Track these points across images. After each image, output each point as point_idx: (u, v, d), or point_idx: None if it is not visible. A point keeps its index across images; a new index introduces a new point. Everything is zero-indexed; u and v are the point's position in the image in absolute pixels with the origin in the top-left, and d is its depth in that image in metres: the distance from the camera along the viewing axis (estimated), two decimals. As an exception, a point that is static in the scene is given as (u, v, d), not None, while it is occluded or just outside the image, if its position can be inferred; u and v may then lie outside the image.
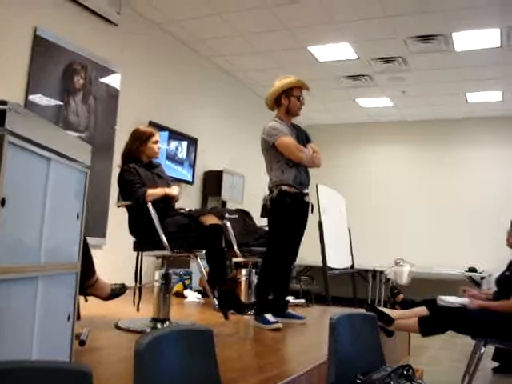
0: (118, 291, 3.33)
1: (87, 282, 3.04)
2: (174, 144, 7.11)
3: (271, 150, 4.14)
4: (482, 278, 8.69)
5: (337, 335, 2.10)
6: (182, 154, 7.30)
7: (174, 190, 3.79)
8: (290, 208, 4.07)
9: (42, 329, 1.77)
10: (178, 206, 3.99)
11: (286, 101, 4.27)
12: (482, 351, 3.63)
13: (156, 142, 3.88)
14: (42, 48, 5.13)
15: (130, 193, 3.62)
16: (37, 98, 5.09)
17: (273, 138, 4.10)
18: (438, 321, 3.68)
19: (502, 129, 9.79)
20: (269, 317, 3.97)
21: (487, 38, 6.49)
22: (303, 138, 4.36)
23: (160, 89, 6.93)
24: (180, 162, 7.27)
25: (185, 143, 7.35)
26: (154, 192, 3.64)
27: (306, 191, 4.26)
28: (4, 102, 1.53)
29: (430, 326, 3.69)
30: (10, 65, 4.78)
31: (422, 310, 3.83)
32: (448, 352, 5.31)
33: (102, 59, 5.90)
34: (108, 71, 6.00)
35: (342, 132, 11.11)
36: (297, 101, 4.28)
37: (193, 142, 7.50)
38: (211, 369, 1.62)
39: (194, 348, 1.58)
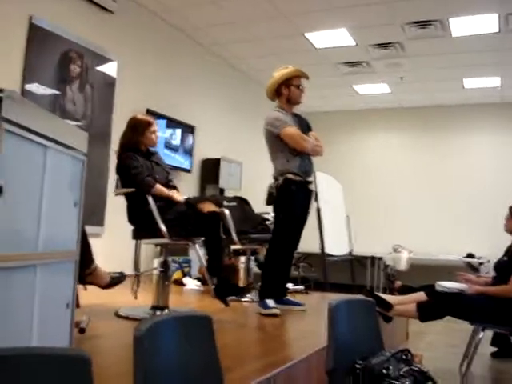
0: (117, 280, 3.34)
1: (86, 270, 3.04)
2: (171, 132, 7.09)
3: (276, 141, 4.18)
4: (481, 264, 8.71)
5: (335, 321, 2.11)
6: (179, 141, 7.28)
7: (179, 196, 3.77)
8: (295, 195, 4.14)
9: (41, 316, 1.77)
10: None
11: (286, 90, 4.32)
12: (481, 336, 3.66)
13: (154, 132, 3.87)
14: (37, 36, 5.09)
15: (137, 180, 3.60)
16: (33, 87, 5.07)
17: (277, 129, 4.15)
18: (436, 306, 3.70)
19: (500, 115, 9.78)
20: (269, 302, 4.02)
21: (485, 23, 6.45)
22: (304, 126, 4.39)
23: (157, 77, 6.90)
24: (177, 150, 7.25)
25: (182, 131, 7.33)
26: (161, 190, 3.64)
27: (310, 179, 4.32)
28: (0, 90, 1.52)
29: (429, 311, 3.70)
30: (6, 54, 4.75)
31: (421, 296, 3.84)
32: (446, 337, 5.34)
33: (99, 47, 5.87)
34: (104, 59, 5.97)
35: (339, 119, 11.09)
36: (297, 89, 4.33)
37: (190, 129, 7.49)
38: (211, 355, 1.62)
39: (193, 334, 1.58)
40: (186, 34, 7.44)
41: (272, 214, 5.13)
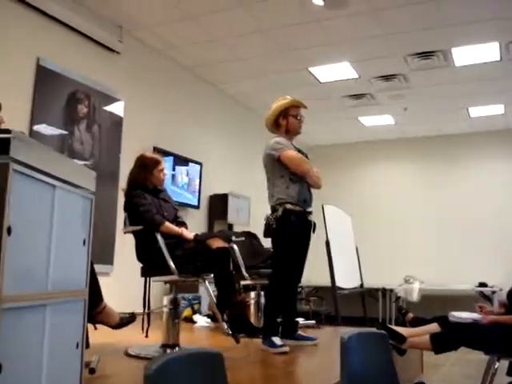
0: (126, 320, 3.30)
1: (95, 309, 3.02)
2: (178, 169, 7.12)
3: (275, 165, 4.13)
4: (493, 293, 8.61)
5: (348, 354, 2.08)
6: (186, 178, 7.31)
7: (188, 233, 3.77)
8: (294, 227, 4.05)
9: (50, 357, 1.75)
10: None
11: (284, 121, 4.29)
12: (496, 366, 3.58)
13: (162, 170, 3.89)
14: (45, 78, 5.18)
15: (145, 217, 3.60)
16: (41, 128, 5.13)
17: (278, 152, 4.09)
18: (450, 337, 3.64)
19: (506, 142, 9.81)
20: (276, 340, 3.92)
21: (486, 52, 6.52)
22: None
23: (164, 114, 6.97)
24: (185, 187, 7.28)
25: (189, 168, 7.36)
26: (170, 228, 3.64)
27: (310, 209, 4.24)
28: (8, 131, 1.54)
29: (443, 342, 3.64)
30: (14, 95, 4.81)
31: (434, 327, 3.79)
32: (462, 369, 5.24)
33: (105, 87, 5.95)
34: (111, 99, 6.04)
35: (346, 151, 11.14)
36: (295, 119, 4.30)
37: (197, 166, 7.52)
38: (222, 392, 1.59)
39: (204, 372, 1.55)
40: (191, 72, 7.54)
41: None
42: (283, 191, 4.08)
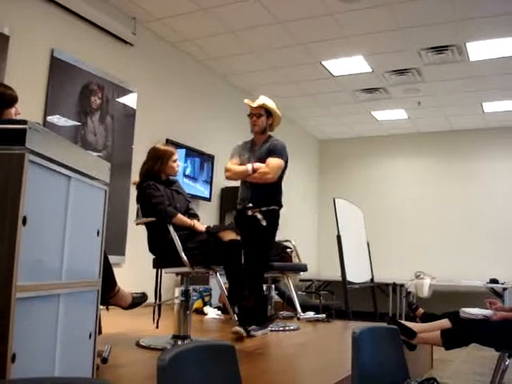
0: (138, 300, 3.33)
1: (110, 293, 3.05)
2: (190, 161, 7.14)
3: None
4: (505, 289, 8.56)
5: (359, 349, 2.08)
6: (198, 171, 7.32)
7: (200, 225, 3.78)
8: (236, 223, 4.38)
9: (63, 346, 1.77)
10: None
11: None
12: (507, 363, 3.57)
13: (175, 161, 3.91)
14: (59, 69, 5.20)
15: (158, 209, 3.61)
16: (55, 119, 5.15)
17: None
18: (461, 333, 3.63)
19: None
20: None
21: (502, 46, 6.46)
22: (262, 153, 4.39)
23: (176, 107, 6.98)
24: (197, 179, 7.29)
25: (201, 160, 7.37)
26: (182, 220, 3.66)
27: (250, 205, 4.31)
28: (24, 122, 1.55)
29: (453, 338, 3.63)
30: (29, 86, 4.84)
31: (445, 323, 3.78)
32: (472, 365, 5.23)
33: (119, 79, 5.97)
34: (124, 91, 6.06)
35: (359, 145, 11.11)
36: (249, 119, 4.55)
37: (209, 158, 7.53)
38: (234, 385, 1.60)
39: (216, 364, 1.56)
40: (204, 64, 7.54)
41: (293, 242, 5.14)
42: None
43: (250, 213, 4.26)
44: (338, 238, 7.26)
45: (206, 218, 6.71)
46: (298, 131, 10.35)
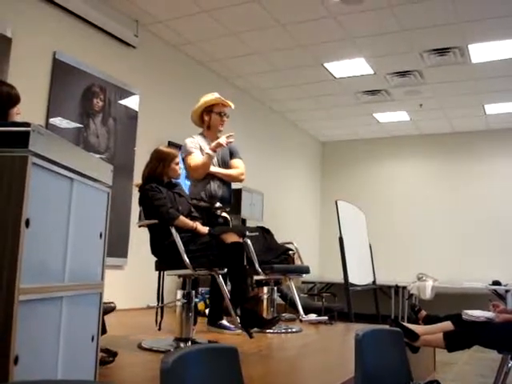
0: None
1: None
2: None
3: (185, 164, 4.34)
4: (507, 291, 8.55)
5: (362, 351, 2.08)
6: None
7: (203, 227, 3.77)
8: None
9: (66, 349, 1.77)
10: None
11: (207, 117, 4.47)
12: (510, 365, 3.56)
13: (178, 163, 3.91)
14: (61, 72, 5.21)
15: (161, 212, 3.61)
16: (57, 121, 5.16)
17: (184, 154, 4.32)
18: (463, 335, 3.62)
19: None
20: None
21: (504, 48, 6.45)
22: (224, 154, 4.49)
23: (178, 109, 6.97)
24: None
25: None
26: (185, 222, 3.64)
27: (218, 205, 4.34)
28: (27, 124, 1.55)
29: (456, 340, 3.62)
30: (31, 89, 4.84)
31: (447, 325, 3.77)
32: (475, 367, 5.22)
33: (121, 81, 5.97)
34: (127, 93, 6.07)
35: (361, 147, 11.10)
36: (218, 117, 4.47)
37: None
38: (237, 387, 1.60)
39: (219, 366, 1.56)
40: (206, 66, 7.54)
41: (295, 245, 5.14)
42: (192, 188, 4.41)
43: (218, 212, 4.34)
44: (340, 240, 7.25)
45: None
46: (299, 133, 10.35)
